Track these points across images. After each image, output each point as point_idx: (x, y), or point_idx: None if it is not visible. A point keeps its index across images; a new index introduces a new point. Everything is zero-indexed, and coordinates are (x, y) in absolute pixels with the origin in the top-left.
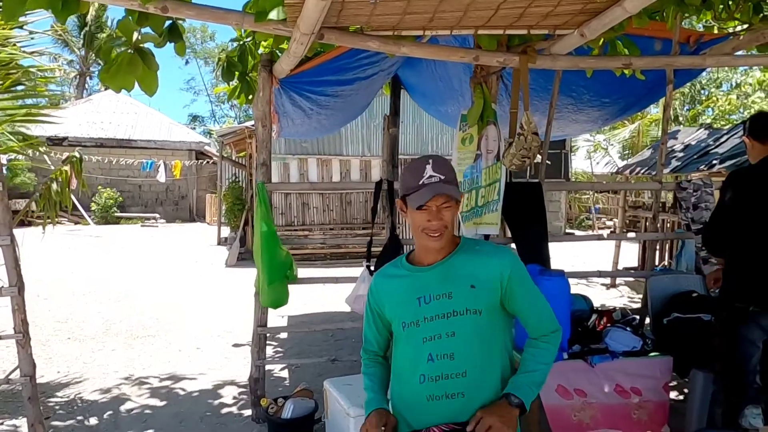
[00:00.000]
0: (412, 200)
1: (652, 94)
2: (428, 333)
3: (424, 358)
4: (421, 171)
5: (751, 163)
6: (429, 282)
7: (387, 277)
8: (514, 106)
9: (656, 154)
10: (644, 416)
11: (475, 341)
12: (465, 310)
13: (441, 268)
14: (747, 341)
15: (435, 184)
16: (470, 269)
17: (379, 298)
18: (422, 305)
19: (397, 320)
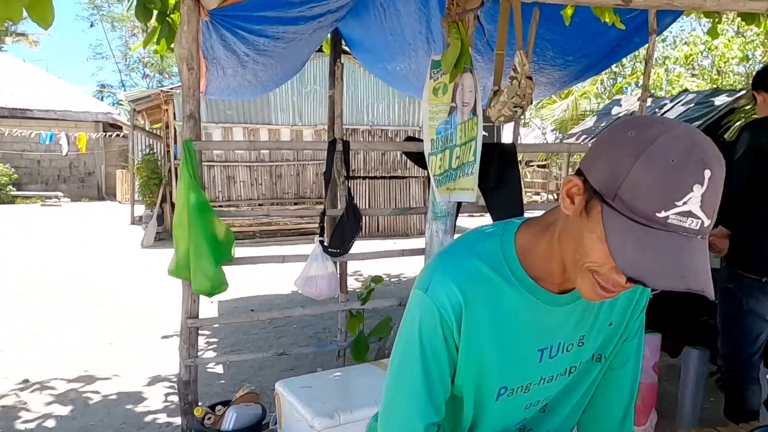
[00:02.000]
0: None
1: (614, 54)
2: (536, 397)
3: (513, 424)
4: (681, 186)
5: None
6: (561, 321)
7: (486, 291)
8: (500, 47)
9: (600, 123)
10: (638, 401)
11: (581, 392)
12: (590, 357)
13: (579, 303)
14: (755, 316)
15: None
16: (616, 298)
17: (469, 334)
18: (545, 360)
19: (492, 382)
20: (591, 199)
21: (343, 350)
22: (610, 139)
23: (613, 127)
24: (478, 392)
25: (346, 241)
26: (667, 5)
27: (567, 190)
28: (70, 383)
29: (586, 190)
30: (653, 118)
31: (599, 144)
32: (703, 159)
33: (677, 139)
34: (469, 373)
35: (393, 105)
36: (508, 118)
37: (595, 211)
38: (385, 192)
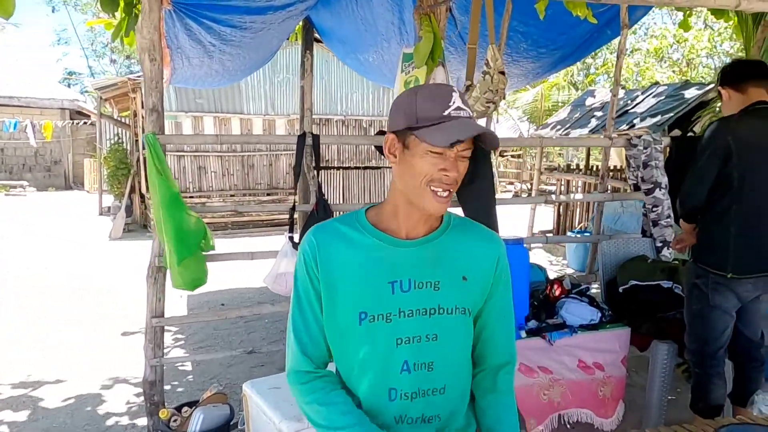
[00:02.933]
0: (428, 135)
1: (585, 46)
2: (404, 333)
3: (397, 367)
4: (445, 98)
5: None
6: (410, 262)
7: (338, 238)
8: (472, 41)
9: (574, 113)
10: (608, 393)
11: (459, 349)
12: (454, 309)
13: (429, 247)
14: (721, 310)
15: (466, 120)
16: (463, 255)
17: (325, 269)
18: (397, 292)
19: (352, 307)
20: (405, 139)
21: None
22: (395, 106)
23: (393, 103)
24: (341, 316)
25: None
26: (640, 0)
27: (388, 148)
28: (28, 387)
29: (398, 139)
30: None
31: (392, 111)
32: (448, 86)
33: (430, 86)
34: (330, 300)
35: (367, 95)
36: (481, 113)
37: (412, 141)
38: (360, 182)
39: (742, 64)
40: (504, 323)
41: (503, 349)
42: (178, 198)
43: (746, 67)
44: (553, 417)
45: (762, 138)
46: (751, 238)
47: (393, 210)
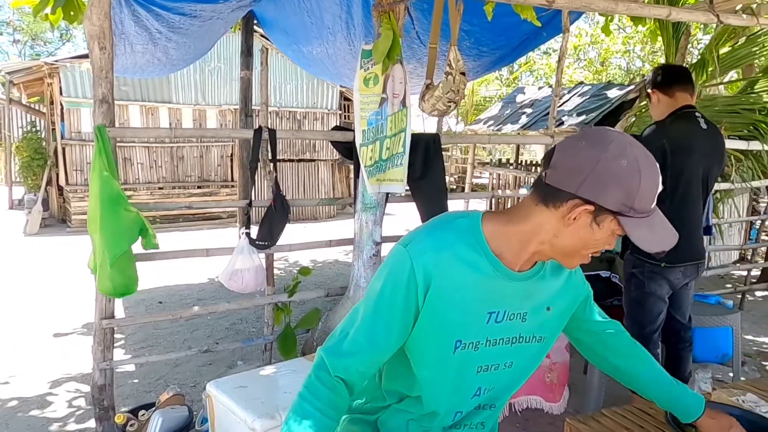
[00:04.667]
0: (636, 231)
1: (523, 47)
2: (486, 361)
3: (470, 392)
4: (659, 182)
5: (655, 119)
6: (511, 294)
7: (458, 261)
8: (433, 41)
9: (505, 110)
10: (555, 379)
11: (523, 372)
12: (532, 337)
13: (532, 282)
14: (655, 297)
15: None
16: (553, 286)
17: (436, 295)
18: (491, 322)
19: (450, 334)
20: (600, 215)
21: (270, 344)
22: (609, 171)
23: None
24: (438, 345)
25: (274, 232)
26: (585, 7)
27: (577, 214)
28: None
29: (595, 211)
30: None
31: (603, 179)
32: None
33: (641, 152)
34: (431, 329)
35: (301, 86)
36: (442, 113)
37: (607, 221)
38: (293, 176)
39: (671, 70)
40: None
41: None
42: (120, 195)
43: (674, 73)
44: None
45: (691, 140)
46: (681, 231)
47: (524, 243)
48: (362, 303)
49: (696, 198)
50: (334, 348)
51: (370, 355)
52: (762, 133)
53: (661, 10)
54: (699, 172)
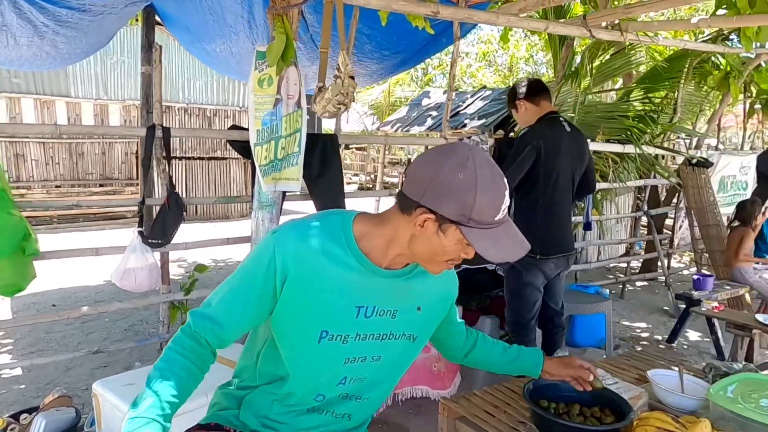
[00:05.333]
0: (479, 242)
1: (423, 52)
2: (354, 353)
3: (336, 380)
4: (501, 200)
5: (524, 126)
6: (380, 290)
7: (320, 253)
8: (324, 45)
9: (412, 112)
10: (443, 367)
11: (392, 368)
12: (402, 334)
13: (401, 281)
14: (532, 287)
15: (512, 228)
16: (423, 288)
17: (296, 282)
18: (360, 317)
19: (315, 324)
20: (443, 224)
21: (165, 343)
22: (445, 186)
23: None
24: (302, 332)
25: (168, 231)
26: (467, 19)
27: (422, 221)
28: None
29: (437, 220)
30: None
31: (440, 190)
32: (500, 173)
33: (484, 167)
34: (294, 315)
35: (212, 83)
36: (333, 114)
37: (451, 230)
38: (204, 174)
39: (535, 83)
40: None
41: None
42: (4, 195)
43: (538, 85)
44: (388, 397)
45: (560, 142)
46: (553, 225)
47: (387, 244)
48: (230, 277)
49: (566, 195)
50: (200, 311)
51: (228, 326)
52: (636, 138)
53: (538, 23)
54: (567, 170)
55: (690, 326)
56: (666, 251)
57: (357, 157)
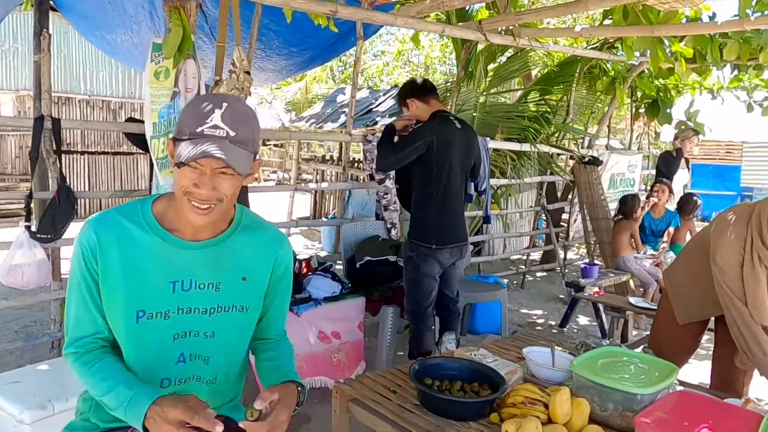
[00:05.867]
0: (180, 148)
1: (333, 49)
2: (182, 328)
3: (173, 359)
4: (205, 113)
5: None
6: (193, 263)
7: (120, 234)
8: (221, 40)
9: (326, 109)
10: (343, 358)
11: (232, 342)
12: (232, 307)
13: (213, 251)
14: (428, 276)
15: (217, 140)
16: (246, 256)
17: (105, 266)
18: (178, 291)
19: (130, 305)
20: (174, 146)
21: (57, 342)
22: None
23: None
24: (119, 313)
25: (58, 226)
26: (366, 19)
27: (170, 152)
28: None
29: (174, 145)
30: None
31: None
32: (222, 98)
33: (205, 97)
34: (109, 296)
35: (117, 74)
36: None
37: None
38: (109, 169)
39: (424, 83)
40: (282, 308)
41: (278, 324)
42: None
43: (427, 84)
44: None
45: (451, 138)
46: (447, 217)
47: (177, 210)
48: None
49: (459, 188)
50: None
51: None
52: (532, 137)
53: (435, 26)
54: (459, 165)
55: (581, 312)
56: (562, 243)
57: (275, 154)
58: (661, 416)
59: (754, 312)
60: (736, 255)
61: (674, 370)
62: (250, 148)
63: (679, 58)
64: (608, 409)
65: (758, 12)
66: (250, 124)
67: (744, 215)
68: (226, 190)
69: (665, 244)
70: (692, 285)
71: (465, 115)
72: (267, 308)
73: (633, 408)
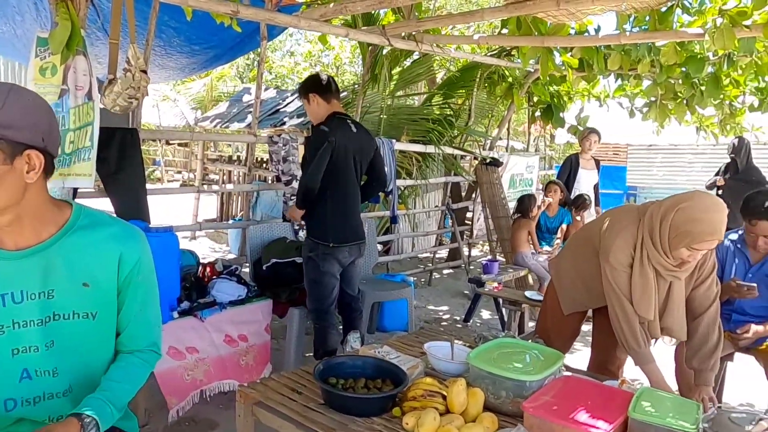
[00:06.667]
0: None
1: (238, 48)
2: (21, 343)
3: (15, 377)
4: None
5: (315, 120)
6: (20, 273)
7: None
8: (114, 37)
9: (232, 108)
10: (251, 360)
11: (82, 351)
12: (72, 314)
13: (38, 258)
14: (329, 275)
15: None
16: (83, 259)
17: None
18: (9, 305)
19: None
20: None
21: None
22: None
23: None
24: None
25: None
26: (269, 21)
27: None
28: None
29: None
30: None
31: None
32: None
33: None
34: None
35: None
36: (124, 109)
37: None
38: None
39: (328, 80)
40: (141, 316)
41: (137, 336)
42: None
43: (330, 84)
44: (195, 393)
45: (348, 140)
46: (344, 216)
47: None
48: None
49: (354, 189)
50: None
51: None
52: (436, 139)
53: (339, 29)
54: (355, 166)
55: (484, 306)
56: (467, 241)
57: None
58: (547, 400)
59: (638, 307)
60: (627, 256)
61: (560, 357)
62: (9, 134)
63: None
64: (501, 397)
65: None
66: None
67: (634, 218)
68: None
69: (559, 240)
70: (576, 278)
71: (371, 117)
72: (125, 313)
73: (523, 394)
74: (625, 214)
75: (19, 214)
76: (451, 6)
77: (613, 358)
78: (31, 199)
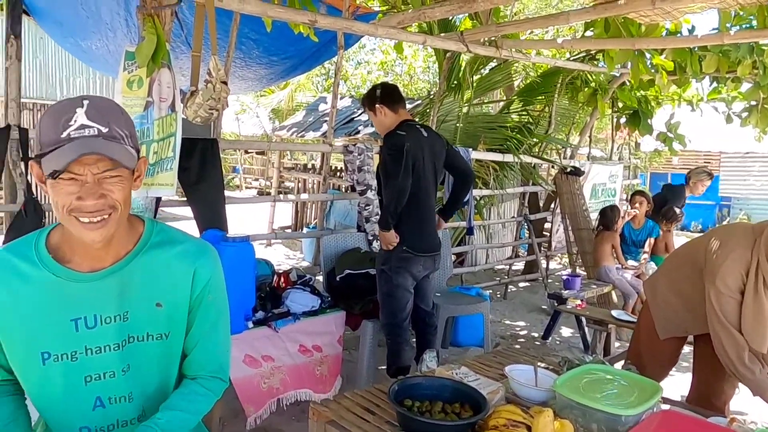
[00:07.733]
0: (46, 163)
1: (314, 58)
2: (94, 370)
3: (89, 405)
4: (66, 117)
5: (383, 130)
6: (93, 297)
7: (9, 274)
8: (197, 49)
9: (308, 117)
10: (325, 371)
11: (155, 373)
12: (146, 336)
13: (114, 279)
14: (402, 288)
15: (89, 140)
16: (157, 278)
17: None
18: (81, 330)
19: (33, 347)
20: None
21: None
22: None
23: None
24: (24, 358)
25: None
26: (347, 29)
27: (37, 178)
28: None
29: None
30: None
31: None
32: (80, 97)
33: (60, 103)
34: (11, 342)
35: (94, 80)
36: (205, 119)
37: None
38: None
39: (393, 90)
40: (211, 340)
41: (208, 363)
42: None
43: (396, 93)
44: (272, 402)
45: (422, 145)
46: (420, 224)
47: (69, 237)
48: None
49: (430, 196)
50: None
51: None
52: (514, 148)
53: (417, 36)
54: (430, 173)
55: (564, 323)
56: (545, 253)
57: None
58: None
59: (749, 339)
60: (738, 280)
61: (658, 389)
62: (129, 143)
63: (660, 70)
64: (592, 430)
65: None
66: (121, 118)
67: (748, 238)
68: (117, 195)
69: (646, 255)
70: (675, 300)
71: (448, 126)
72: (194, 334)
73: (617, 429)
74: (738, 233)
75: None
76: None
77: (719, 391)
78: (126, 211)
